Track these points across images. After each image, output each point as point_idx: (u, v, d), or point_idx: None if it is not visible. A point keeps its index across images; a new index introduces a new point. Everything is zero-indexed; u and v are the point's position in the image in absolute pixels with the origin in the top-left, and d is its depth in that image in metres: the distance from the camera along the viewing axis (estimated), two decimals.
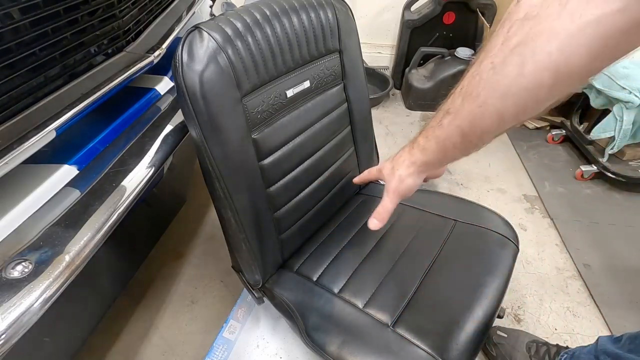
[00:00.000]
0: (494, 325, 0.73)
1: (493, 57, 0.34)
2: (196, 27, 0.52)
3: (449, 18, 1.87)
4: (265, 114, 0.61)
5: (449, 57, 1.83)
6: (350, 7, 0.73)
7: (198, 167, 0.60)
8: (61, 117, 0.50)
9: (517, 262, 0.83)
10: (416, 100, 1.91)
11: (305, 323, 0.65)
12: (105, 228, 0.50)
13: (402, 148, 0.50)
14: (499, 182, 1.51)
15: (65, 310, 0.57)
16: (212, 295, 1.09)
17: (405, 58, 2.00)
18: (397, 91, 2.10)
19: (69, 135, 0.53)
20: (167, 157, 0.64)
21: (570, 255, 1.21)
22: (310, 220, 0.78)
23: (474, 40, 1.89)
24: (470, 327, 0.61)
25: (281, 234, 0.72)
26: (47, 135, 0.48)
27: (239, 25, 0.55)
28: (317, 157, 0.74)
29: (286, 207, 0.71)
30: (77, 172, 0.55)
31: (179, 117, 0.69)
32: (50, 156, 0.54)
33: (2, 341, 0.38)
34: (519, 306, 1.07)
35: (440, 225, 0.80)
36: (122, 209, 0.53)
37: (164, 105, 0.72)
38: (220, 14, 0.56)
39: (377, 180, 0.60)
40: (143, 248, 0.88)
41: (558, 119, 1.71)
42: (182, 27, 0.82)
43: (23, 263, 0.43)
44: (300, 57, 0.64)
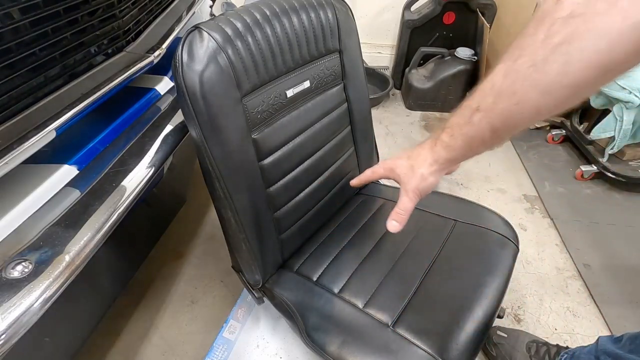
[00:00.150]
0: (494, 325, 0.73)
1: (532, 55, 0.34)
2: (196, 27, 0.52)
3: (449, 18, 1.87)
4: (265, 114, 0.61)
5: (449, 57, 1.83)
6: (350, 7, 0.73)
7: (198, 167, 0.60)
8: (61, 117, 0.50)
9: (517, 262, 0.83)
10: (416, 100, 1.91)
11: (305, 323, 0.65)
12: (105, 228, 0.50)
13: (417, 146, 0.50)
14: (499, 182, 1.52)
15: (65, 310, 0.57)
16: (212, 295, 1.09)
17: (405, 58, 2.00)
18: (397, 91, 2.10)
19: (69, 135, 0.53)
20: (167, 157, 0.64)
21: (570, 255, 1.21)
22: (310, 220, 0.78)
23: (474, 40, 1.89)
24: (470, 327, 0.61)
25: (281, 234, 0.72)
26: (47, 135, 0.48)
27: (239, 25, 0.55)
28: (317, 157, 0.74)
29: (286, 207, 0.71)
30: (77, 172, 0.55)
31: (179, 117, 0.69)
32: (50, 156, 0.54)
33: (2, 341, 0.38)
34: (519, 306, 1.07)
35: (440, 225, 0.80)
36: (122, 209, 0.53)
37: (164, 105, 0.72)
38: (220, 14, 0.56)
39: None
40: (143, 248, 0.88)
41: (558, 118, 1.71)
42: (182, 27, 0.82)
43: (23, 263, 0.43)
44: (300, 57, 0.64)
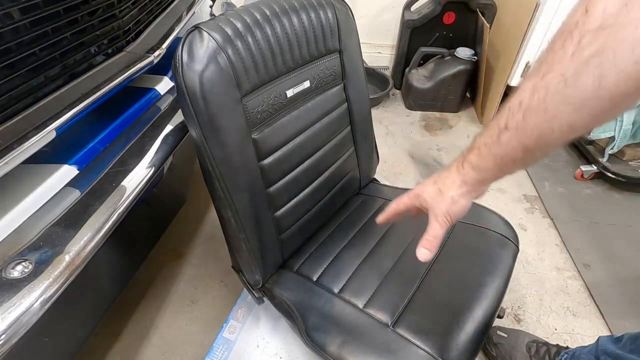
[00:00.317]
0: (494, 325, 0.73)
1: (562, 70, 0.33)
2: (196, 27, 0.52)
3: (449, 18, 1.87)
4: (265, 114, 0.61)
5: (449, 57, 1.83)
6: (350, 7, 0.73)
7: (198, 167, 0.59)
8: (61, 117, 0.50)
9: (517, 262, 0.83)
10: (416, 100, 1.91)
11: (305, 323, 0.65)
12: (105, 228, 0.50)
13: (442, 170, 0.49)
14: (499, 182, 1.50)
15: (66, 310, 0.57)
16: (212, 295, 1.09)
17: (405, 58, 2.00)
18: (397, 91, 2.10)
19: (69, 135, 0.53)
20: (167, 157, 0.64)
21: (570, 255, 1.21)
22: (310, 220, 0.78)
23: (474, 40, 1.89)
24: (470, 327, 0.61)
25: (281, 234, 0.72)
26: (47, 135, 0.48)
27: (239, 25, 0.55)
28: (317, 157, 0.74)
29: (286, 207, 0.71)
30: (77, 172, 0.55)
31: (179, 117, 0.69)
32: (50, 156, 0.54)
33: (2, 341, 0.38)
34: (519, 306, 1.07)
35: None
36: (122, 209, 0.53)
37: (164, 105, 0.72)
38: (220, 14, 0.56)
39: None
40: (143, 248, 0.87)
41: None
42: (182, 27, 0.82)
43: (23, 263, 0.43)
44: (300, 57, 0.64)
